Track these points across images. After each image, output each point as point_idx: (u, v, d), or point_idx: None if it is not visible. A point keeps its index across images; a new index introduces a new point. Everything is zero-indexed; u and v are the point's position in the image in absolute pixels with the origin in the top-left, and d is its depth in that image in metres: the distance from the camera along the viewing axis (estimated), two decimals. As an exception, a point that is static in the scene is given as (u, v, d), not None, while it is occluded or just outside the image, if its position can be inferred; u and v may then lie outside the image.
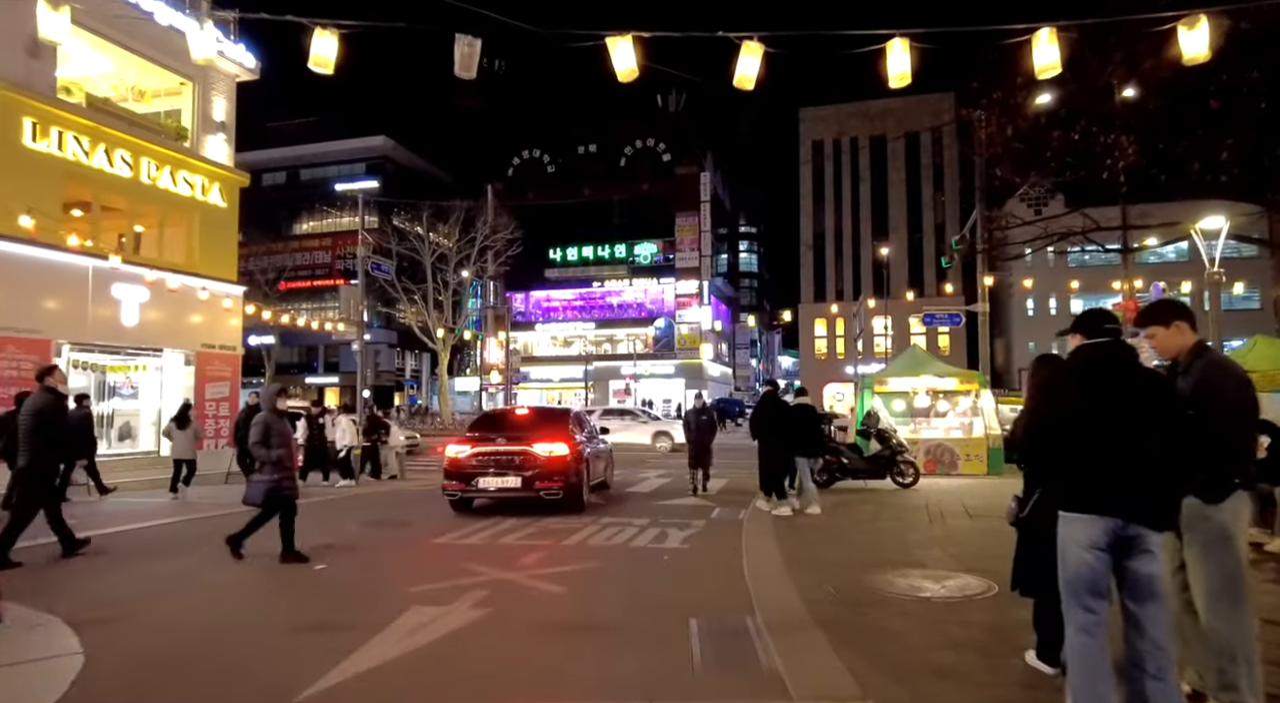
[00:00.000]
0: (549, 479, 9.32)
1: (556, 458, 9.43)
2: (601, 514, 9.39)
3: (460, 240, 42.74)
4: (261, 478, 6.69)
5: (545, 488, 9.31)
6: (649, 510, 9.97)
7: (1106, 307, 3.44)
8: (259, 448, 6.65)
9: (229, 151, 16.03)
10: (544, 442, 9.50)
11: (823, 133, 55.46)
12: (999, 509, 9.79)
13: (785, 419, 9.67)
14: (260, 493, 6.65)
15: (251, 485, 6.76)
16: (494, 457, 9.45)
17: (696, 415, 11.81)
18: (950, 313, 17.83)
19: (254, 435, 6.65)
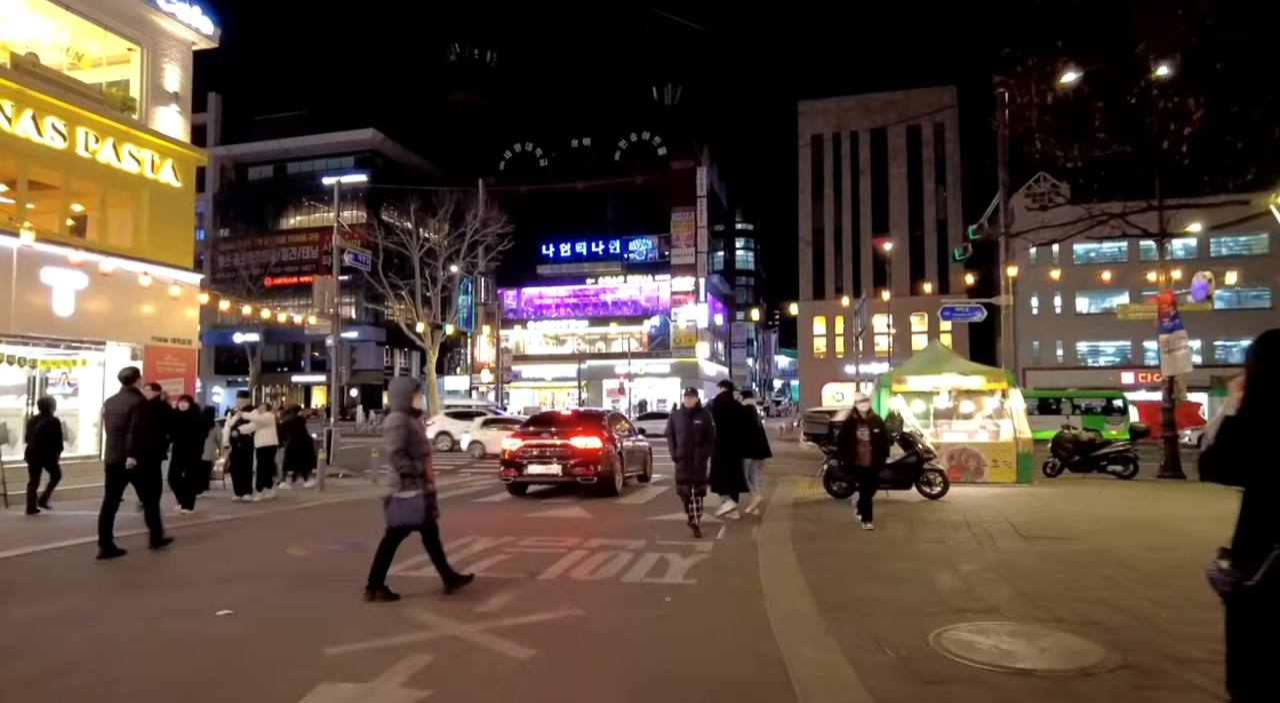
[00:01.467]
0: (585, 467, 11.26)
1: (590, 449, 11.37)
2: (591, 535, 8.00)
3: (450, 234, 41.42)
4: (409, 494, 5.42)
5: (582, 474, 11.28)
6: (644, 529, 8.59)
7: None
8: (400, 458, 5.38)
9: (184, 125, 14.56)
10: (580, 436, 11.48)
11: (822, 126, 54.17)
12: (1051, 527, 8.19)
13: (742, 420, 9.79)
14: (418, 512, 5.44)
15: (401, 505, 5.44)
16: (540, 448, 11.51)
17: (686, 418, 8.47)
18: (971, 306, 16.49)
19: (395, 441, 5.38)
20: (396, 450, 5.37)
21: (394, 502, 5.43)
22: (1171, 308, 14.91)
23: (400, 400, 5.59)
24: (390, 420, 5.50)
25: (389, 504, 5.44)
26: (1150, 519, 8.75)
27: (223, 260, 58.28)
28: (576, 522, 9.20)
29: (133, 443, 7.09)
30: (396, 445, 5.37)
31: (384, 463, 5.94)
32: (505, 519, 9.42)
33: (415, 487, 5.39)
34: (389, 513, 5.45)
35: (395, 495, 5.42)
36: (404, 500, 5.41)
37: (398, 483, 5.38)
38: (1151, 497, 11.28)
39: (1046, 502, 10.55)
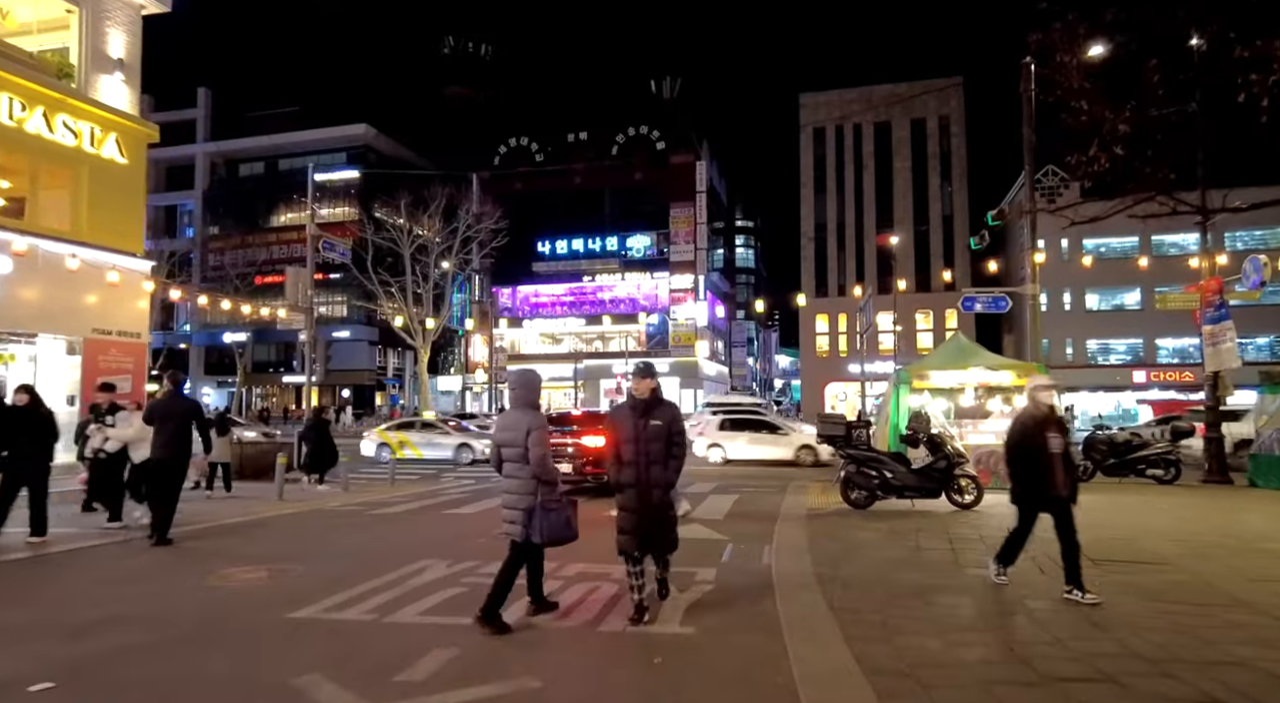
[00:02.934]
0: (597, 466, 10.78)
1: (602, 449, 10.69)
2: (571, 559, 6.66)
3: (443, 230, 40.21)
4: (556, 503, 4.68)
5: (593, 474, 11.02)
6: (635, 548, 7.24)
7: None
8: (547, 461, 4.65)
9: (131, 96, 13.22)
10: (591, 435, 11.22)
11: (824, 119, 52.81)
12: (1123, 548, 6.57)
13: None
14: (569, 524, 4.74)
15: (549, 517, 4.64)
16: (551, 448, 9.96)
17: (635, 417, 4.87)
18: (994, 296, 15.14)
19: (537, 441, 4.61)
20: (544, 454, 4.55)
21: (540, 513, 4.58)
22: (1217, 296, 13.58)
23: (527, 394, 4.77)
24: (525, 418, 4.62)
25: (533, 517, 4.59)
26: (1232, 536, 7.41)
27: (212, 258, 57.03)
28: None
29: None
30: (545, 447, 4.55)
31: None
32: (473, 536, 8.09)
33: (555, 496, 4.65)
34: (536, 528, 4.60)
35: (542, 506, 4.60)
36: (555, 511, 4.63)
37: (535, 491, 4.58)
38: (1213, 507, 9.96)
39: (1097, 513, 9.20)
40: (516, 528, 4.61)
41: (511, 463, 4.63)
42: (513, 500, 4.63)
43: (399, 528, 8.85)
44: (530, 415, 4.60)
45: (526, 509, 4.58)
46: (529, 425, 4.53)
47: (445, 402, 52.17)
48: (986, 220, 17.06)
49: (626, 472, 4.84)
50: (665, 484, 4.82)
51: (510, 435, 4.60)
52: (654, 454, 4.77)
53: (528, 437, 4.51)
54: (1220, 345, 13.67)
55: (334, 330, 54.58)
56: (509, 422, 4.65)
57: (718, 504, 10.57)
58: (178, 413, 7.64)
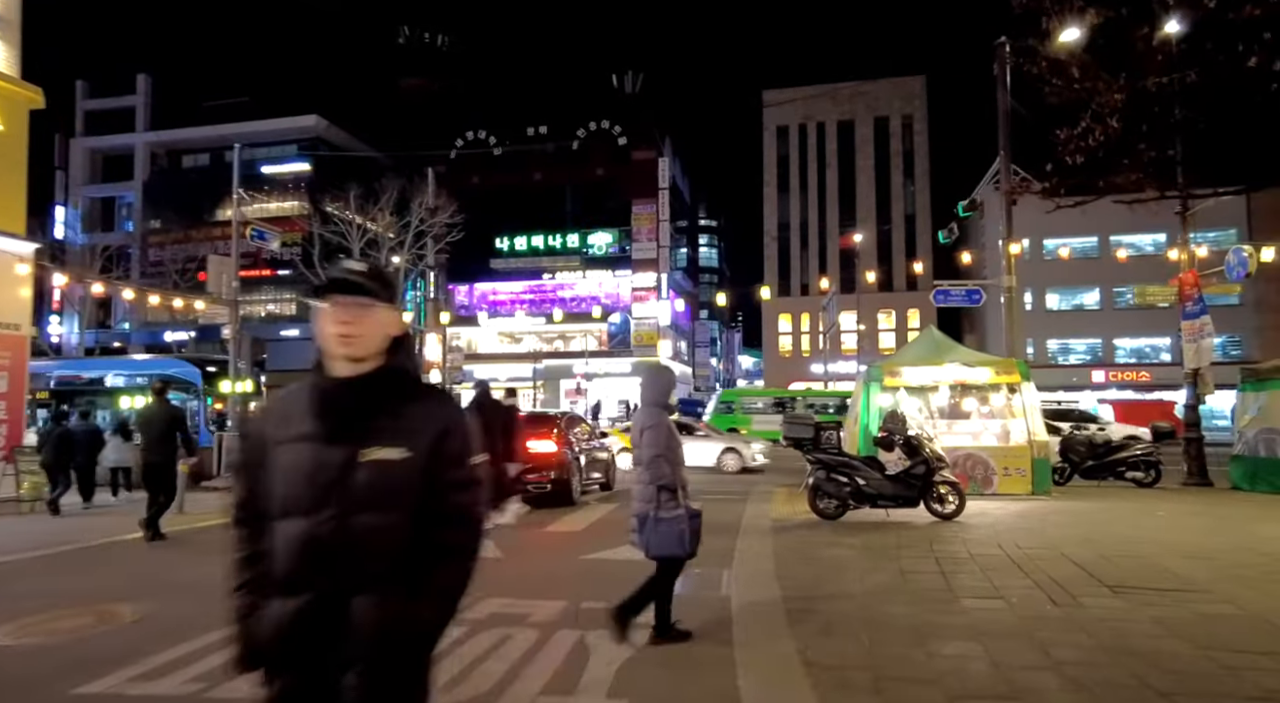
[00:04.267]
0: (538, 473, 9.95)
1: (544, 454, 10.08)
2: (488, 591, 5.47)
3: (395, 224, 38.60)
4: (674, 513, 4.19)
5: (534, 481, 9.96)
6: (570, 578, 6.10)
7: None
8: (661, 464, 4.15)
9: (8, 55, 11.62)
10: (532, 439, 9.98)
11: (788, 117, 52.30)
12: (1138, 569, 5.60)
13: (505, 423, 8.83)
14: (683, 538, 4.20)
15: (663, 528, 4.17)
16: None
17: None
18: (968, 289, 14.34)
19: (653, 443, 4.17)
20: (657, 456, 4.13)
21: (654, 523, 4.15)
22: (1195, 290, 12.94)
23: (655, 392, 4.36)
24: (643, 417, 4.28)
25: (644, 526, 4.17)
26: (1255, 552, 6.53)
27: (153, 253, 54.31)
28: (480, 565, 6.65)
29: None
30: (656, 449, 4.14)
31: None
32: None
33: (679, 505, 4.17)
34: (645, 540, 4.17)
35: (655, 515, 4.15)
36: (668, 521, 4.15)
37: (653, 498, 4.15)
38: (1212, 514, 9.16)
39: (1092, 523, 8.32)
40: (639, 539, 4.23)
41: (637, 467, 4.29)
42: (635, 507, 4.28)
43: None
44: (648, 414, 4.24)
45: (639, 516, 4.21)
46: (644, 425, 4.17)
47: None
48: (957, 211, 16.29)
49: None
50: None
51: (633, 436, 4.31)
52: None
53: (642, 437, 4.15)
54: (1200, 342, 13.03)
55: (282, 328, 52.37)
56: (634, 420, 4.37)
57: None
58: (158, 419, 8.26)
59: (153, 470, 8.23)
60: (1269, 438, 11.98)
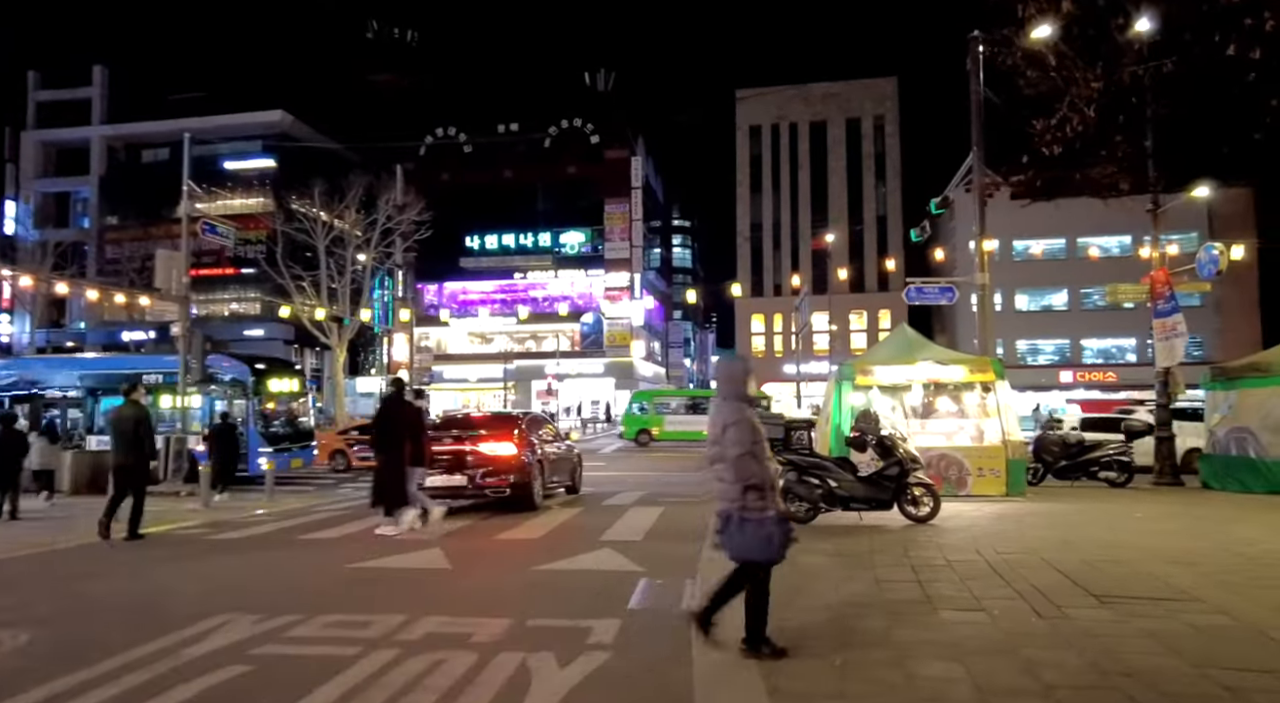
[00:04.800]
0: (496, 477, 9.47)
1: (503, 457, 9.60)
2: (428, 609, 5.00)
3: (362, 221, 37.71)
4: (760, 515, 3.86)
5: (492, 486, 9.50)
6: (520, 593, 5.64)
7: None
8: (748, 463, 3.86)
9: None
10: (491, 441, 9.68)
11: (761, 117, 52.23)
12: (1123, 576, 5.25)
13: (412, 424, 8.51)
14: (771, 541, 3.86)
15: (748, 529, 3.86)
16: (441, 456, 9.46)
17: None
18: (941, 287, 14.15)
19: (738, 440, 3.87)
20: (744, 454, 3.86)
21: (737, 524, 3.87)
22: (1167, 288, 12.83)
23: (733, 386, 4.08)
24: (725, 412, 3.98)
25: (728, 527, 3.89)
26: (1239, 556, 6.28)
27: (110, 250, 52.66)
28: (421, 578, 6.17)
29: None
30: (742, 446, 3.86)
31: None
32: (315, 573, 6.34)
33: (769, 505, 3.88)
34: (729, 542, 3.90)
35: (740, 515, 3.86)
36: (755, 523, 3.84)
37: (739, 498, 3.85)
38: (1190, 516, 8.97)
39: (1069, 525, 8.05)
40: (718, 537, 3.98)
41: (717, 464, 3.98)
42: (718, 507, 4.01)
43: (227, 561, 7.01)
44: (731, 409, 3.95)
45: (723, 516, 3.93)
46: (727, 421, 3.89)
47: (365, 405, 49.24)
48: (930, 209, 16.11)
49: None
50: None
51: (712, 432, 3.99)
52: None
53: (724, 433, 3.86)
54: (1172, 340, 12.93)
55: (246, 328, 51.12)
56: (712, 416, 4.06)
57: (638, 520, 9.03)
58: (128, 420, 8.32)
59: (123, 472, 8.27)
60: (1239, 437, 11.90)
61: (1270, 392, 11.36)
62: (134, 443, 8.30)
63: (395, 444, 8.29)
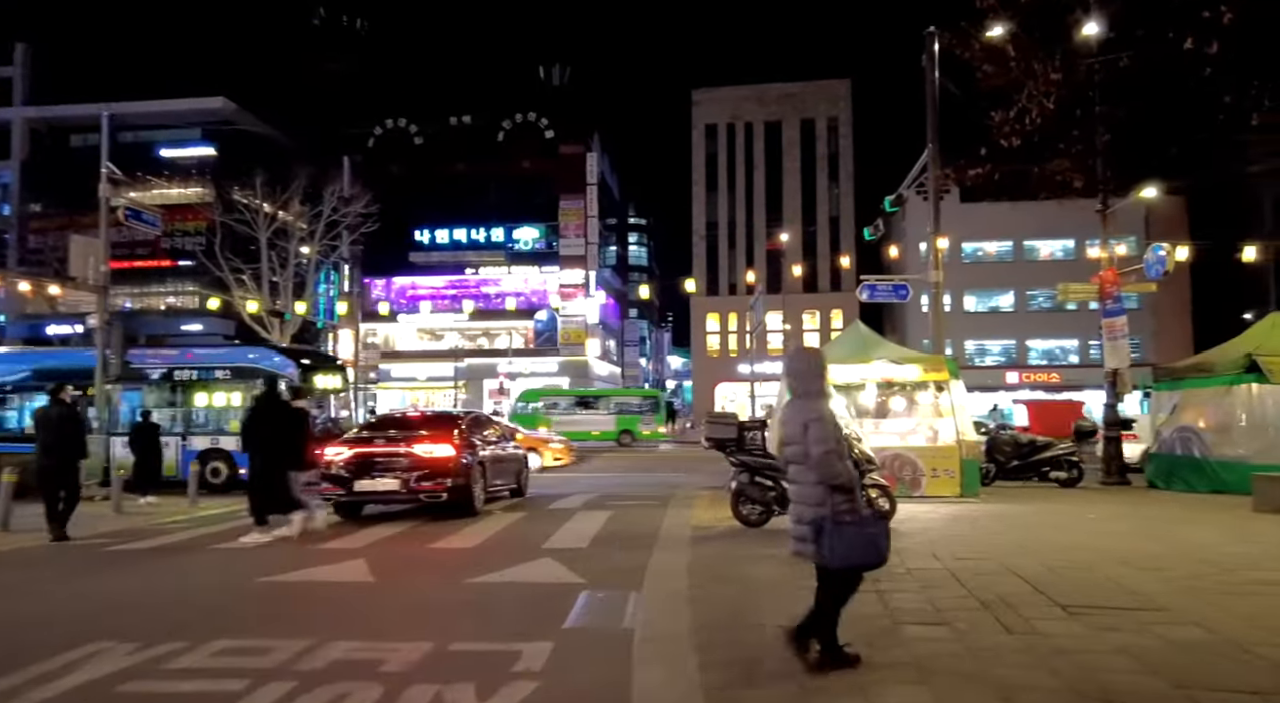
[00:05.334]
0: (432, 480, 8.86)
1: (440, 458, 9.00)
2: (337, 632, 4.45)
3: (306, 214, 36.34)
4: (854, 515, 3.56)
5: (427, 490, 8.87)
6: (445, 609, 5.12)
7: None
8: (834, 461, 3.53)
9: None
10: (427, 442, 9.10)
11: (717, 116, 52.20)
12: (1086, 583, 4.92)
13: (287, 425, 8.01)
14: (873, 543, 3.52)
15: (845, 534, 3.48)
16: (373, 457, 9.02)
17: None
18: (895, 285, 14.05)
19: (821, 437, 3.52)
20: (828, 451, 3.57)
21: (836, 529, 3.52)
22: (1116, 288, 12.90)
23: (809, 380, 3.81)
24: (803, 408, 3.70)
25: (821, 533, 3.55)
26: (1197, 559, 6.12)
27: (33, 239, 49.82)
28: (339, 593, 5.60)
29: None
30: (826, 444, 3.57)
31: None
32: (220, 589, 5.71)
33: (857, 506, 3.67)
34: (826, 548, 3.54)
35: (836, 519, 3.56)
36: (855, 525, 3.55)
37: (825, 500, 3.58)
38: (1140, 516, 8.91)
39: (1026, 527, 7.88)
40: (806, 547, 3.64)
41: (794, 464, 3.70)
42: (798, 511, 3.70)
43: (120, 576, 6.32)
44: (809, 405, 3.69)
45: (813, 522, 3.60)
46: (806, 418, 3.61)
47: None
48: (884, 207, 16.01)
49: None
50: None
51: (789, 431, 3.70)
52: None
53: (806, 431, 3.57)
54: (1118, 341, 13.02)
55: (184, 324, 49.00)
56: (787, 414, 3.80)
57: (584, 526, 8.55)
58: (55, 421, 8.15)
59: (48, 473, 8.05)
60: (1184, 436, 12.00)
61: (1214, 391, 11.49)
62: (57, 444, 8.06)
63: (270, 448, 7.78)
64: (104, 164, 16.43)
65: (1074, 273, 23.97)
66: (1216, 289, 38.73)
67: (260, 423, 8.06)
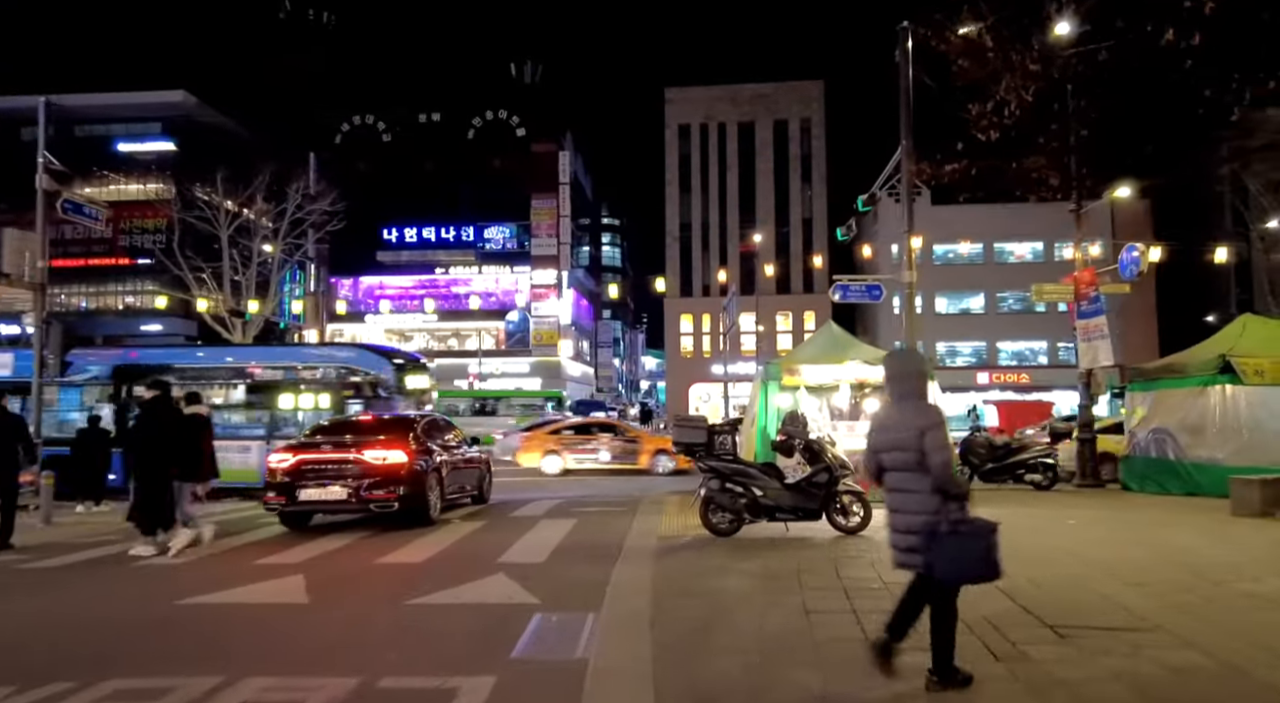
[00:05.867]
0: (383, 488, 8.34)
1: (391, 465, 8.46)
2: (250, 669, 3.96)
3: (270, 211, 35.39)
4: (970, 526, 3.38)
5: (378, 499, 8.35)
6: (380, 636, 4.65)
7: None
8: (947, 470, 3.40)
9: None
10: (378, 447, 8.57)
11: (690, 116, 51.92)
12: (1074, 600, 4.43)
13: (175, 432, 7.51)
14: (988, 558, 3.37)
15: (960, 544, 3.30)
16: (319, 465, 8.49)
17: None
18: (869, 284, 13.79)
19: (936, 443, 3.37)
20: (948, 460, 3.37)
21: (951, 540, 3.29)
22: (1092, 288, 12.76)
23: (912, 383, 3.60)
24: (914, 413, 3.47)
25: (933, 543, 3.29)
26: (1185, 568, 5.85)
27: (-25, 236, 47.81)
28: (265, 617, 5.08)
29: None
30: (945, 452, 3.37)
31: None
32: (130, 614, 5.17)
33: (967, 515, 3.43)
34: (942, 561, 3.29)
35: (951, 528, 3.32)
36: (969, 537, 3.32)
37: (939, 509, 3.35)
38: (1114, 518, 8.72)
39: (1005, 535, 7.51)
40: (914, 558, 3.47)
41: (899, 472, 3.56)
42: (905, 521, 3.53)
43: (20, 599, 5.75)
44: (923, 410, 3.57)
45: (925, 532, 3.42)
46: (923, 424, 3.48)
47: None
48: (857, 206, 15.76)
49: None
50: None
51: (896, 437, 3.54)
52: None
53: (922, 438, 3.43)
54: (1094, 341, 12.87)
55: (144, 324, 47.61)
56: (891, 419, 3.63)
57: (545, 536, 8.10)
58: None
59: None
60: (1158, 438, 11.87)
61: (1187, 393, 11.35)
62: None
63: (155, 456, 7.22)
64: (40, 152, 15.58)
65: (1044, 275, 24.04)
66: (1179, 292, 39.36)
67: (146, 430, 7.47)
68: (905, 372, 3.69)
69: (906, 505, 3.54)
